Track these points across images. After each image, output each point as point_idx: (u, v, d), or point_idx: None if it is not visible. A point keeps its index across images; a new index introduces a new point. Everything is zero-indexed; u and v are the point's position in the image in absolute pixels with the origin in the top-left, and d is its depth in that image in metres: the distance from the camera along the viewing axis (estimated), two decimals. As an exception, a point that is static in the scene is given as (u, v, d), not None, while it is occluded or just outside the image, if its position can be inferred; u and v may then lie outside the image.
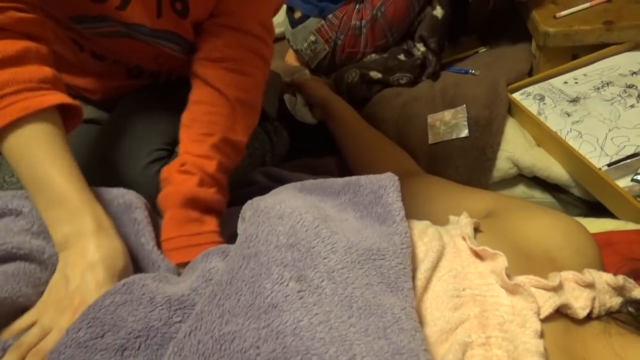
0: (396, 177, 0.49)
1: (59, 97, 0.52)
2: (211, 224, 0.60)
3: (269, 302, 0.34)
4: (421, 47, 1.08)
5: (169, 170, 0.62)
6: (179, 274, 0.55)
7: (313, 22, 1.16)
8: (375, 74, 1.08)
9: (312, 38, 1.16)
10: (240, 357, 0.31)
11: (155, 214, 0.61)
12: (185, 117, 0.65)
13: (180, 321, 0.39)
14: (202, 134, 0.63)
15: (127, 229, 0.54)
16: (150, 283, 0.42)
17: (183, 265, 0.55)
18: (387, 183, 0.47)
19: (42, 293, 0.47)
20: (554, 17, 0.99)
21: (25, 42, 0.51)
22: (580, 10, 0.99)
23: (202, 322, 0.34)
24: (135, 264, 0.52)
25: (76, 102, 0.54)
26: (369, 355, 0.31)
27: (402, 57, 1.10)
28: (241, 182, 0.79)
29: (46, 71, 0.52)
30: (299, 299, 0.34)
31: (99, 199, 0.53)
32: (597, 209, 0.85)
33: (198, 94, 0.66)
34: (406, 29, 1.13)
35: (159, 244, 0.57)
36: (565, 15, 0.98)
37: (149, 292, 0.41)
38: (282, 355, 0.31)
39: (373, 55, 1.15)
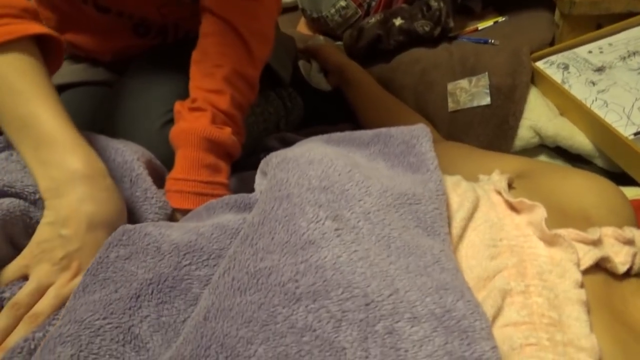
0: (428, 128, 0.47)
1: (42, 28, 0.48)
2: (224, 173, 0.58)
3: (305, 239, 0.32)
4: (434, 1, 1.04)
5: (182, 105, 0.60)
6: (170, 219, 0.52)
7: (341, -13, 1.10)
8: (398, 21, 1.03)
9: (343, 3, 1.11)
10: (279, 290, 0.30)
11: (161, 167, 0.59)
12: (196, 52, 0.63)
13: (189, 264, 0.38)
14: (212, 66, 0.61)
15: (116, 174, 0.51)
16: (152, 231, 0.40)
17: (181, 212, 0.53)
18: (419, 133, 0.45)
19: (31, 233, 0.43)
20: (581, -17, 0.95)
21: None
22: (609, -24, 0.95)
23: (235, 262, 0.33)
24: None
25: (58, 35, 0.50)
26: (412, 289, 0.29)
27: (424, 9, 1.05)
28: (256, 147, 0.78)
29: (27, 3, 0.48)
30: (336, 237, 0.32)
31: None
32: (620, 181, 0.82)
33: (207, 26, 0.63)
34: None
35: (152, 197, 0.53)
36: (592, -19, 0.95)
37: (154, 241, 0.39)
38: (323, 288, 0.29)
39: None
